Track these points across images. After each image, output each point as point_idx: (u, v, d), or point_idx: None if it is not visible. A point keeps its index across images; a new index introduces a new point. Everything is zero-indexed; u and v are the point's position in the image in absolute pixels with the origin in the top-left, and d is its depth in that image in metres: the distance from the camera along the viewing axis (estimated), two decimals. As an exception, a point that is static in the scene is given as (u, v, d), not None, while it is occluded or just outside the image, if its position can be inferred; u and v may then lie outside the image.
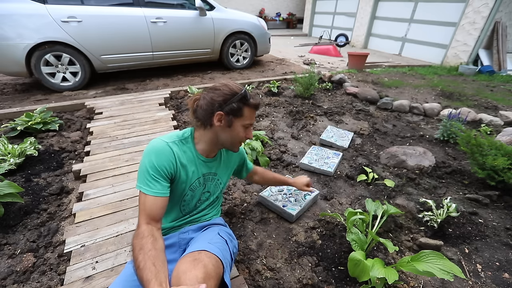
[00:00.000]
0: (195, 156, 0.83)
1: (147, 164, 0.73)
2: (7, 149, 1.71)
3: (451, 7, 4.93)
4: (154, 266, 0.60)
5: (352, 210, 1.15)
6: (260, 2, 10.09)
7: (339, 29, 7.85)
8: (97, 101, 2.79)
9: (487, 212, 1.49)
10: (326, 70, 4.37)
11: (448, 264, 0.83)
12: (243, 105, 0.77)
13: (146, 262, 0.61)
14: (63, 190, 1.59)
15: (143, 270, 0.59)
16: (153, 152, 0.74)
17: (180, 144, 0.80)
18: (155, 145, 0.75)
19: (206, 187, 0.91)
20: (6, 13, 2.62)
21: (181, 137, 0.82)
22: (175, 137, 0.80)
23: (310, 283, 1.07)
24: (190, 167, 0.82)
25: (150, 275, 0.58)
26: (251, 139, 0.83)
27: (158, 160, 0.73)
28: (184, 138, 0.82)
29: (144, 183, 0.72)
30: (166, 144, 0.76)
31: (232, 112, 0.76)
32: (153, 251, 0.63)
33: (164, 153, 0.74)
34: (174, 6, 3.45)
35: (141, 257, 0.62)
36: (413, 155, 1.92)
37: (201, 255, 0.70)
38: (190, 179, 0.83)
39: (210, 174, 0.89)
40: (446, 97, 3.36)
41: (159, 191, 0.73)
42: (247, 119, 0.79)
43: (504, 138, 2.09)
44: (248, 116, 0.79)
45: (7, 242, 1.24)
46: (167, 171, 0.75)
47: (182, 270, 0.65)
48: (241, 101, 0.77)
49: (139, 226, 0.70)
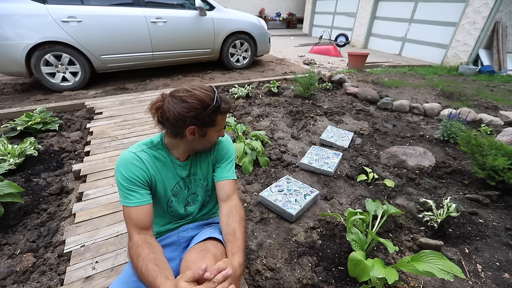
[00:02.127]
0: (170, 161, 0.79)
1: (119, 178, 0.71)
2: (7, 149, 1.71)
3: (451, 7, 4.92)
4: (156, 266, 0.61)
5: (352, 210, 1.15)
6: (260, 2, 10.09)
7: (339, 29, 7.85)
8: (97, 101, 2.79)
9: (487, 212, 1.49)
10: (326, 70, 4.36)
11: (448, 264, 0.83)
12: (216, 114, 0.72)
13: (147, 265, 0.61)
14: (63, 190, 1.59)
15: (147, 272, 0.60)
16: (121, 165, 0.71)
17: (150, 151, 0.77)
18: (122, 158, 0.72)
19: (190, 189, 0.86)
20: (6, 13, 2.62)
21: (149, 145, 0.78)
22: (142, 146, 0.77)
23: (310, 283, 1.07)
24: (165, 173, 0.79)
25: (154, 273, 0.59)
26: (223, 136, 0.80)
27: (127, 171, 0.71)
28: (153, 145, 0.78)
29: (123, 197, 0.71)
30: (133, 154, 0.73)
31: (205, 124, 0.72)
32: (152, 254, 0.64)
33: (131, 163, 0.72)
34: (174, 6, 3.45)
35: (140, 263, 0.62)
36: (413, 155, 1.92)
37: (207, 244, 0.71)
38: (169, 184, 0.80)
39: (190, 176, 0.84)
40: (446, 97, 3.36)
41: (138, 201, 0.71)
42: (220, 125, 0.76)
43: (504, 138, 2.09)
44: (221, 122, 0.75)
45: (7, 242, 1.24)
46: (140, 180, 0.72)
47: (192, 260, 0.66)
48: (214, 112, 0.71)
49: (131, 238, 0.69)
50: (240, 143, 1.81)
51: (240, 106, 2.78)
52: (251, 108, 2.76)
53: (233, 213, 0.78)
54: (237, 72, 4.12)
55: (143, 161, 0.73)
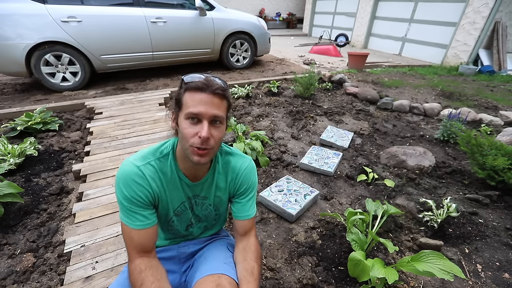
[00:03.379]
0: (178, 178, 0.68)
1: (119, 194, 0.62)
2: (7, 149, 1.71)
3: (451, 7, 4.92)
4: None
5: (352, 210, 1.15)
6: (260, 2, 10.09)
7: (339, 29, 7.85)
8: (97, 101, 2.79)
9: (487, 212, 1.49)
10: (326, 70, 4.36)
11: (448, 264, 0.83)
12: (183, 91, 0.60)
13: None
14: (63, 190, 1.59)
15: None
16: (121, 180, 0.62)
17: (158, 164, 0.65)
18: (123, 171, 0.62)
19: (195, 211, 0.75)
20: (6, 13, 2.62)
21: (159, 155, 0.66)
22: (150, 157, 0.66)
23: (310, 283, 1.07)
24: (171, 191, 0.68)
25: None
26: (203, 137, 0.57)
27: (128, 190, 0.61)
28: (163, 155, 0.67)
29: (125, 215, 0.63)
30: (136, 168, 0.62)
31: (177, 103, 0.61)
32: (156, 283, 0.60)
33: (133, 180, 0.62)
34: (174, 6, 3.44)
35: None
36: (413, 155, 1.92)
37: (222, 280, 0.65)
38: (173, 204, 0.70)
39: (198, 198, 0.73)
40: (446, 97, 3.36)
41: (142, 223, 0.63)
42: (187, 106, 0.58)
43: (504, 138, 2.09)
44: (188, 102, 0.58)
45: (7, 242, 1.24)
46: (143, 200, 0.63)
47: None
48: (181, 86, 0.61)
49: (132, 261, 0.63)
50: (240, 143, 1.81)
51: (240, 106, 2.78)
52: (251, 108, 2.76)
53: (252, 249, 0.73)
54: (237, 72, 4.12)
55: (146, 177, 0.63)
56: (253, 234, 0.78)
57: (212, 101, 0.58)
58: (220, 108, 0.60)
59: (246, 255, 0.71)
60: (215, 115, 0.58)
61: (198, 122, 0.59)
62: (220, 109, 0.60)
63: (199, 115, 0.58)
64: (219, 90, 0.58)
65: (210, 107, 0.58)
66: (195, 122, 0.59)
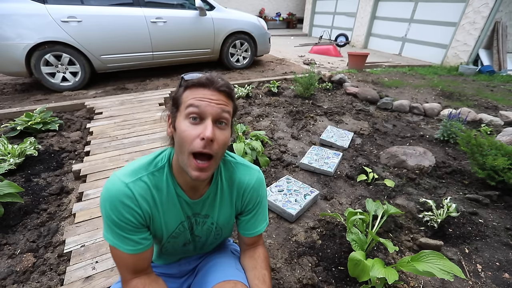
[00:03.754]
0: (176, 195, 0.59)
1: (105, 216, 0.54)
2: (7, 149, 1.71)
3: (451, 7, 4.93)
4: None
5: (352, 210, 1.15)
6: (260, 2, 10.09)
7: (339, 29, 7.85)
8: (97, 101, 2.79)
9: (487, 212, 1.49)
10: (326, 70, 4.36)
11: (448, 264, 0.83)
12: (183, 89, 0.52)
13: None
14: (63, 190, 1.59)
15: None
16: (107, 201, 0.53)
17: (151, 180, 0.56)
18: (109, 190, 0.53)
19: (194, 231, 0.67)
20: (6, 13, 2.62)
21: (152, 169, 0.57)
22: (142, 171, 0.56)
23: (310, 283, 1.07)
24: (167, 210, 0.59)
25: None
26: (207, 137, 0.48)
27: (115, 213, 0.53)
28: (157, 168, 0.58)
29: (113, 237, 0.55)
30: (124, 186, 0.53)
31: (175, 103, 0.54)
32: None
33: (120, 201, 0.53)
34: (174, 6, 3.45)
35: None
36: (413, 155, 1.92)
37: (238, 287, 0.62)
38: (170, 226, 0.61)
39: (199, 216, 0.64)
40: (446, 97, 3.36)
41: (134, 248, 0.55)
42: (186, 102, 0.50)
43: (504, 138, 2.09)
44: (188, 98, 0.50)
45: (7, 242, 1.24)
46: (133, 223, 0.54)
47: None
48: (181, 84, 0.54)
49: (127, 282, 0.57)
50: (240, 143, 1.81)
51: (240, 106, 2.78)
52: (251, 108, 2.76)
53: (261, 257, 0.70)
54: (237, 72, 4.12)
55: (135, 197, 0.54)
56: (261, 243, 0.74)
57: (218, 97, 0.51)
58: (226, 108, 0.52)
59: (256, 263, 0.68)
60: (221, 113, 0.50)
61: (200, 122, 0.50)
62: (226, 109, 0.52)
63: (202, 112, 0.49)
64: (224, 87, 0.51)
65: (214, 104, 0.50)
66: (197, 122, 0.50)
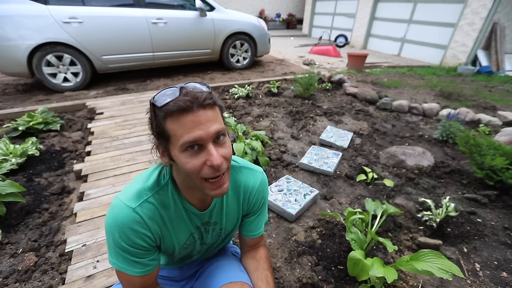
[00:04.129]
0: (183, 209, 0.58)
1: (112, 241, 0.52)
2: (9, 149, 1.72)
3: (450, 8, 4.95)
4: None
5: (351, 210, 1.16)
6: (260, 2, 10.12)
7: (338, 29, 7.87)
8: (98, 101, 2.80)
9: (485, 211, 1.50)
10: (325, 71, 4.38)
11: (446, 263, 0.83)
12: (162, 119, 0.45)
13: None
14: (64, 189, 1.60)
15: None
16: (116, 229, 0.51)
17: (156, 199, 0.54)
18: (116, 217, 0.51)
19: (204, 239, 0.67)
20: (8, 14, 2.64)
21: (155, 188, 0.55)
22: (146, 193, 0.53)
23: (309, 282, 1.08)
24: (176, 225, 0.58)
25: None
26: (216, 165, 0.46)
27: (125, 240, 0.51)
28: (160, 187, 0.55)
29: (120, 261, 0.53)
30: (132, 212, 0.51)
31: (160, 136, 0.47)
32: None
33: (131, 229, 0.51)
34: (174, 7, 3.46)
35: None
36: (412, 155, 1.93)
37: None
38: (180, 239, 0.61)
39: (208, 225, 0.64)
40: (445, 98, 3.38)
41: (142, 270, 0.55)
42: (177, 136, 0.45)
43: (503, 138, 2.10)
44: (178, 131, 0.44)
45: (9, 241, 1.24)
46: (144, 247, 0.54)
47: None
48: (156, 114, 0.46)
49: None
50: (240, 143, 1.82)
51: (240, 106, 2.79)
52: (251, 108, 2.77)
53: (263, 259, 0.70)
54: (237, 73, 4.13)
55: (145, 221, 0.52)
56: (263, 244, 0.75)
57: (206, 117, 0.45)
58: (218, 119, 0.47)
59: (258, 264, 0.69)
60: (217, 132, 0.46)
61: (200, 149, 0.46)
62: (218, 121, 0.47)
63: (199, 141, 0.45)
64: (207, 99, 0.45)
65: (208, 126, 0.45)
66: (197, 151, 0.46)
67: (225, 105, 2.86)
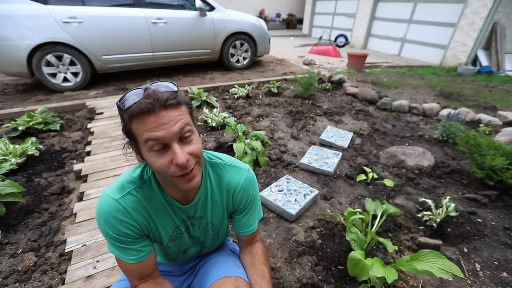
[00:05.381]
0: (167, 203, 0.61)
1: (103, 233, 0.56)
2: (9, 149, 1.71)
3: (450, 8, 4.94)
4: None
5: (351, 210, 1.16)
6: (260, 2, 10.11)
7: (338, 29, 7.87)
8: (98, 101, 2.80)
9: (485, 211, 1.50)
10: (325, 71, 4.38)
11: (447, 263, 0.83)
12: (128, 120, 0.47)
13: None
14: (64, 189, 1.60)
15: None
16: (102, 219, 0.55)
17: (140, 192, 0.57)
18: (101, 208, 0.55)
19: (191, 233, 0.69)
20: (8, 14, 2.63)
21: (138, 182, 0.58)
22: (129, 186, 0.57)
23: (310, 282, 1.08)
24: (161, 218, 0.61)
25: None
26: (181, 163, 0.47)
27: (111, 228, 0.55)
28: (144, 181, 0.58)
29: (115, 249, 0.58)
30: (114, 202, 0.55)
31: (129, 136, 0.50)
32: None
33: (114, 218, 0.54)
34: (174, 7, 3.46)
35: None
36: (412, 155, 1.93)
37: (239, 282, 0.64)
38: (167, 231, 0.64)
39: (193, 219, 0.66)
40: (445, 97, 3.38)
41: (136, 257, 0.58)
42: (142, 137, 0.47)
43: (503, 138, 2.10)
44: (141, 131, 0.46)
45: (8, 241, 1.24)
46: (130, 235, 0.57)
47: None
48: (122, 116, 0.48)
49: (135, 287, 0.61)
50: (240, 143, 1.82)
51: (240, 106, 2.79)
52: (251, 108, 2.77)
53: (259, 253, 0.71)
54: (237, 73, 4.13)
55: (128, 211, 0.55)
56: (259, 238, 0.76)
57: (168, 117, 0.46)
58: (182, 119, 0.47)
59: (254, 260, 0.70)
60: (180, 131, 0.47)
61: (166, 148, 0.47)
62: (182, 120, 0.47)
63: (162, 140, 0.46)
64: (170, 100, 0.46)
65: (169, 126, 0.46)
66: (163, 151, 0.47)
67: (225, 105, 2.86)
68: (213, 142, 2.11)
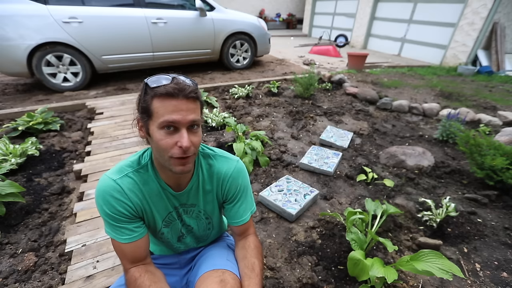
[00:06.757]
0: (161, 188, 0.64)
1: (100, 211, 0.60)
2: (9, 149, 1.71)
3: (450, 7, 4.94)
4: None
5: (351, 210, 1.16)
6: (260, 2, 10.11)
7: (338, 29, 7.87)
8: (98, 101, 2.80)
9: (485, 211, 1.50)
10: (325, 71, 4.38)
11: (447, 263, 0.83)
12: (150, 98, 0.53)
13: None
14: (64, 189, 1.60)
15: None
16: (100, 197, 0.59)
17: (137, 176, 0.62)
18: (100, 187, 0.59)
19: (184, 220, 0.72)
20: (8, 14, 2.63)
21: (136, 166, 0.63)
22: (126, 169, 0.62)
23: (310, 282, 1.08)
24: (156, 202, 0.65)
25: None
26: (185, 147, 0.54)
27: (108, 206, 0.59)
28: (141, 166, 0.63)
29: (111, 229, 0.61)
30: (113, 182, 0.59)
31: (144, 111, 0.55)
32: (153, 285, 0.60)
33: (111, 195, 0.58)
34: (174, 7, 3.46)
35: None
36: (412, 155, 1.93)
37: (226, 275, 0.65)
38: (160, 215, 0.67)
39: (185, 206, 0.70)
40: (445, 97, 3.38)
41: (129, 237, 0.61)
42: (159, 115, 0.53)
43: (503, 138, 2.10)
44: (160, 110, 0.52)
45: (8, 241, 1.24)
46: (125, 214, 0.60)
47: None
48: (147, 92, 0.54)
49: (127, 271, 0.63)
50: (240, 143, 1.82)
51: (240, 106, 2.79)
52: (251, 108, 2.77)
53: (251, 247, 0.72)
54: (237, 73, 4.13)
55: (124, 191, 0.60)
56: (252, 232, 0.77)
57: (187, 106, 0.53)
58: (196, 111, 0.55)
59: (246, 253, 0.71)
60: (192, 121, 0.54)
61: (175, 131, 0.54)
62: (196, 112, 0.55)
63: (176, 123, 0.53)
64: (192, 93, 0.54)
65: (186, 113, 0.53)
66: (172, 131, 0.54)
67: (225, 105, 2.86)
68: (213, 142, 2.11)
